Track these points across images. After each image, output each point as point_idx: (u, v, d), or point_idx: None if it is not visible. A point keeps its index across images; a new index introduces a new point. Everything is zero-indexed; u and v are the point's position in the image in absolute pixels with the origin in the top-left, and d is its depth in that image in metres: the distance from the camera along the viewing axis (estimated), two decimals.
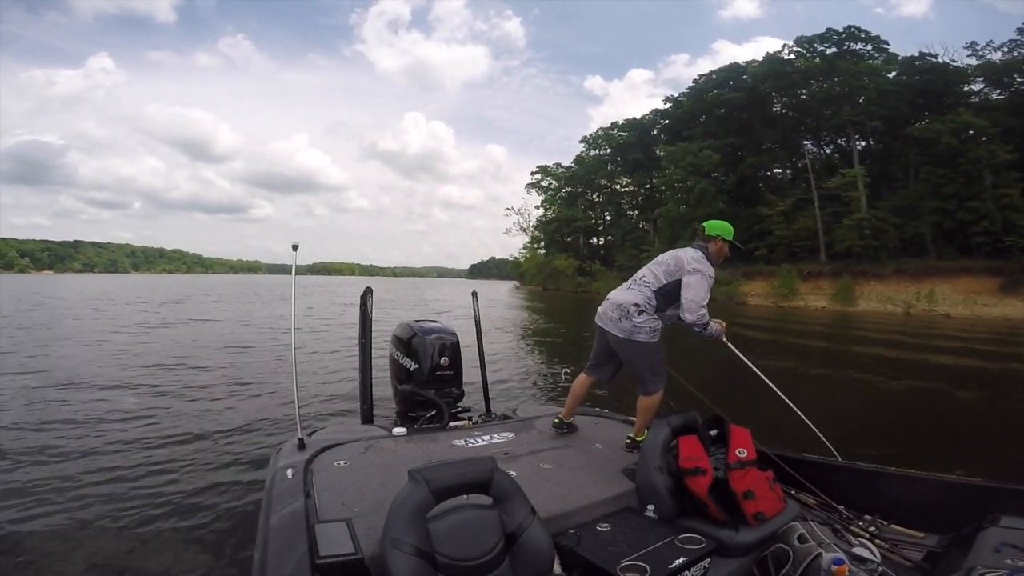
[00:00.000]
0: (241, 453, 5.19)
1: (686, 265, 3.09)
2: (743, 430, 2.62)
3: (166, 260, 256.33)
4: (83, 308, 23.44)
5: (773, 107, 51.41)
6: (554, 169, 74.35)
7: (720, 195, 48.50)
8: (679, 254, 3.18)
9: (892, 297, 35.91)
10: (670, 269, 3.15)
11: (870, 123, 43.14)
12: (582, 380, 3.53)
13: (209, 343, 13.17)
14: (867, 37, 46.66)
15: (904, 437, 6.14)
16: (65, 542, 3.43)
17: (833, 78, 45.04)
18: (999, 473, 2.94)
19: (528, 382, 9.05)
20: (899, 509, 2.60)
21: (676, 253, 3.21)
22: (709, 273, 3.08)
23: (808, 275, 41.26)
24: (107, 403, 6.87)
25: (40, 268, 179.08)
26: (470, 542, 1.80)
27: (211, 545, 3.44)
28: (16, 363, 9.49)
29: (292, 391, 3.10)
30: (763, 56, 52.19)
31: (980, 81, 41.32)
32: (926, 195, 38.25)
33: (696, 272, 3.06)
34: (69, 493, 4.15)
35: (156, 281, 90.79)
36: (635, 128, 64.84)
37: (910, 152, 40.23)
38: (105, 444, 5.34)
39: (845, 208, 40.99)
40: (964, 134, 36.94)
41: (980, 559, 1.86)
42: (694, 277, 3.05)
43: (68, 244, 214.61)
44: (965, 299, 32.97)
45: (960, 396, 9.05)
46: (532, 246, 74.12)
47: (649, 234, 57.45)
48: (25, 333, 14.10)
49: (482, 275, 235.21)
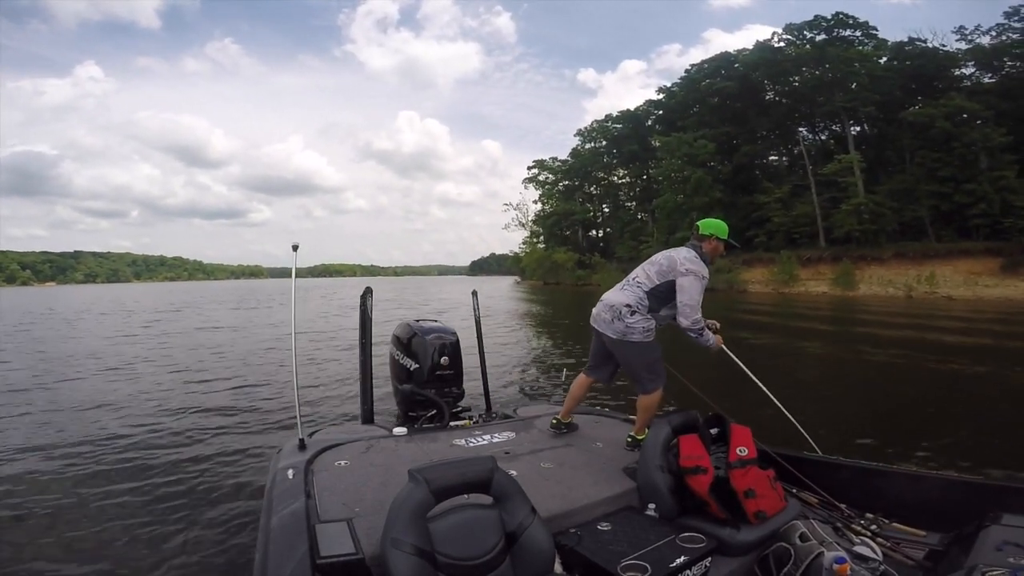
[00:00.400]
0: (242, 453, 5.21)
1: (679, 266, 3.09)
2: (744, 428, 2.61)
3: (167, 268, 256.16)
4: (93, 318, 23.51)
5: (766, 95, 51.22)
6: (550, 163, 74.06)
7: (717, 184, 48.35)
8: (672, 254, 3.17)
9: (893, 280, 35.89)
10: (663, 269, 3.14)
11: (863, 109, 42.97)
12: (581, 381, 3.53)
13: (210, 346, 13.21)
14: (856, 23, 46.46)
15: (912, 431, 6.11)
16: (64, 542, 3.45)
17: (824, 65, 44.84)
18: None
19: (528, 381, 9.05)
20: (901, 507, 2.59)
21: (670, 253, 3.20)
22: (703, 274, 3.08)
23: (808, 261, 41.23)
24: (107, 403, 6.93)
25: (42, 280, 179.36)
26: (471, 542, 1.80)
27: (212, 545, 3.45)
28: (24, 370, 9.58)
29: (292, 392, 3.11)
30: (753, 44, 52.06)
31: (971, 65, 41.29)
32: (922, 179, 38.17)
33: (689, 273, 3.05)
34: (69, 493, 4.19)
35: (159, 289, 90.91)
36: (629, 120, 64.59)
37: (904, 136, 40.04)
38: (105, 444, 5.39)
39: (842, 193, 40.86)
40: (958, 118, 36.81)
41: (982, 557, 1.86)
42: (687, 279, 3.05)
43: (68, 255, 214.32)
44: (966, 281, 32.95)
45: (969, 379, 9.00)
46: (531, 241, 73.93)
47: (648, 225, 57.31)
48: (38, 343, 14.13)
49: (483, 271, 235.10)
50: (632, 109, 65.50)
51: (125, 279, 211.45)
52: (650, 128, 61.23)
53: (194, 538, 3.54)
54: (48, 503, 4.01)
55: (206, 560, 3.29)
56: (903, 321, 18.61)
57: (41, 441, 5.50)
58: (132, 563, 3.24)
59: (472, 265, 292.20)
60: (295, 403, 3.04)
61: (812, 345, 13.40)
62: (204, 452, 5.24)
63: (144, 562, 3.25)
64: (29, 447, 5.31)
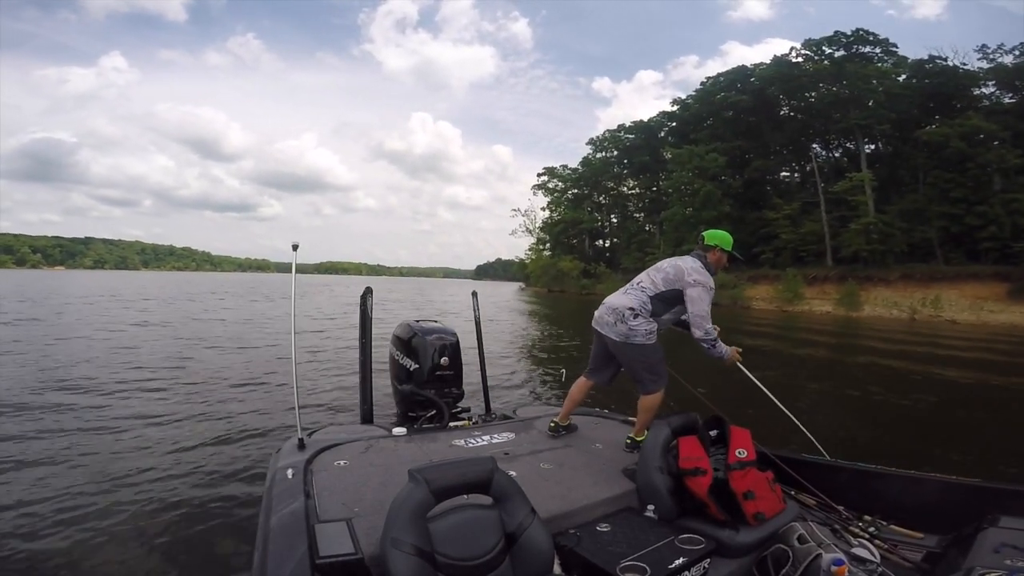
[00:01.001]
0: (241, 453, 5.21)
1: (686, 276, 3.10)
2: (743, 431, 2.62)
3: (176, 257, 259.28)
4: (95, 304, 23.59)
5: (781, 110, 51.13)
6: (560, 171, 74.26)
7: (726, 198, 48.31)
8: (679, 263, 3.19)
9: (898, 302, 35.62)
10: (669, 278, 3.16)
11: (878, 127, 42.71)
12: (581, 384, 3.54)
13: (211, 342, 13.22)
14: (875, 40, 46.29)
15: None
16: (63, 542, 3.44)
17: (842, 81, 44.64)
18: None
19: (528, 382, 9.05)
20: (899, 510, 2.59)
21: (676, 262, 3.22)
22: (709, 285, 3.10)
23: (814, 280, 40.94)
24: (107, 403, 6.89)
25: (52, 264, 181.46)
26: (470, 542, 1.80)
27: (211, 545, 3.46)
28: (21, 359, 9.62)
29: (292, 391, 3.10)
30: (771, 59, 52.02)
31: (992, 84, 40.84)
32: (934, 199, 37.97)
33: (697, 284, 3.07)
34: (68, 493, 4.17)
35: (166, 278, 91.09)
36: (642, 131, 64.64)
37: (919, 156, 39.85)
38: (105, 444, 5.36)
39: (852, 212, 40.59)
40: (973, 138, 36.56)
41: (980, 559, 1.86)
42: (696, 290, 3.07)
43: (79, 240, 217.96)
44: (972, 305, 32.66)
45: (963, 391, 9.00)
46: (538, 248, 74.01)
47: (655, 236, 57.29)
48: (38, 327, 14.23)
49: (488, 276, 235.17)
50: (645, 120, 65.55)
51: (133, 267, 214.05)
52: (662, 140, 61.24)
53: (192, 537, 3.54)
54: (44, 502, 3.99)
55: (205, 559, 3.30)
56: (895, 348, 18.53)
57: (35, 441, 5.39)
58: (130, 562, 3.25)
59: (477, 269, 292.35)
60: (294, 402, 3.03)
61: (812, 360, 13.36)
62: (203, 451, 5.23)
63: (142, 561, 3.26)
64: (25, 449, 5.19)
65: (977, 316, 31.43)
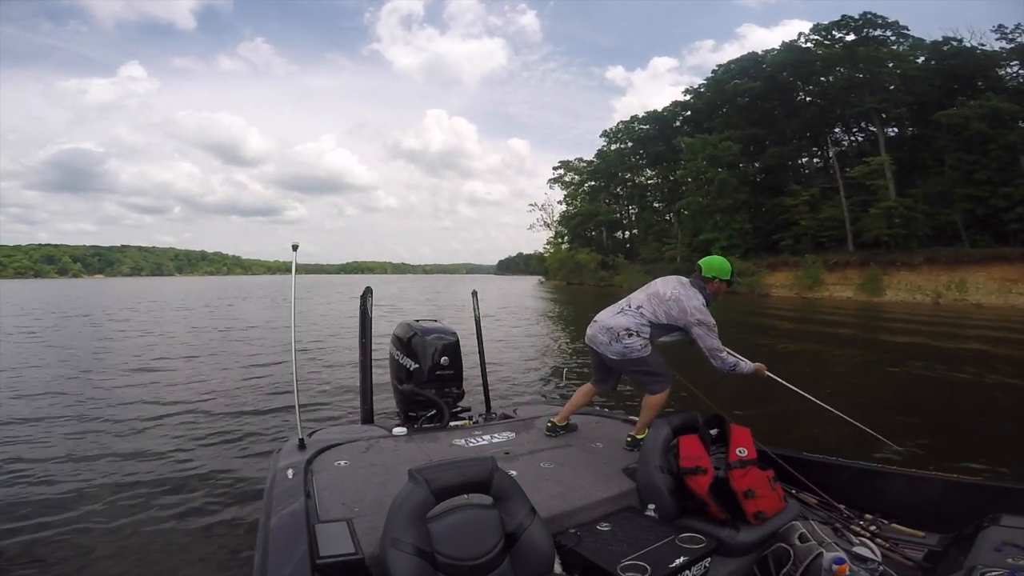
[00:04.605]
0: (241, 453, 5.27)
1: (689, 316, 3.07)
2: (743, 429, 2.61)
3: (207, 262, 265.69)
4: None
5: (797, 96, 50.20)
6: (576, 164, 73.85)
7: (743, 186, 47.65)
8: (681, 299, 3.11)
9: (922, 287, 34.80)
10: (672, 315, 3.11)
11: (895, 110, 41.77)
12: (587, 390, 3.54)
13: (212, 343, 13.47)
14: (885, 23, 45.08)
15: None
16: (64, 542, 3.50)
17: (857, 64, 43.60)
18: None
19: (529, 382, 9.00)
20: (900, 508, 2.58)
21: (678, 295, 3.13)
22: (711, 324, 3.08)
23: (835, 265, 40.07)
24: (107, 403, 7.05)
25: (91, 272, 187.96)
26: (470, 542, 1.81)
27: (211, 545, 3.50)
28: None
29: (292, 391, 3.13)
30: (780, 44, 51.09)
31: (1015, 64, 39.39)
32: (958, 182, 36.89)
33: (701, 324, 3.06)
34: (68, 492, 4.26)
35: (200, 283, 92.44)
36: (656, 121, 63.97)
37: (941, 138, 38.71)
38: (105, 444, 5.47)
39: (872, 197, 39.75)
40: (995, 119, 35.43)
41: (981, 558, 1.85)
42: (701, 328, 3.07)
43: (116, 249, 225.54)
44: (1000, 288, 31.73)
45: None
46: (556, 241, 73.83)
47: (673, 226, 56.85)
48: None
49: (510, 270, 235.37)
50: (659, 110, 64.98)
51: (168, 272, 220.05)
52: (677, 129, 60.50)
53: (193, 537, 3.59)
54: (44, 501, 4.08)
55: (205, 559, 3.34)
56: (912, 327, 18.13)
57: (35, 441, 5.55)
58: (130, 562, 3.30)
59: (500, 264, 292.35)
60: (295, 402, 3.05)
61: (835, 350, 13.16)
62: (203, 451, 5.29)
63: (142, 561, 3.31)
64: (26, 449, 5.35)
65: (1004, 299, 30.60)
